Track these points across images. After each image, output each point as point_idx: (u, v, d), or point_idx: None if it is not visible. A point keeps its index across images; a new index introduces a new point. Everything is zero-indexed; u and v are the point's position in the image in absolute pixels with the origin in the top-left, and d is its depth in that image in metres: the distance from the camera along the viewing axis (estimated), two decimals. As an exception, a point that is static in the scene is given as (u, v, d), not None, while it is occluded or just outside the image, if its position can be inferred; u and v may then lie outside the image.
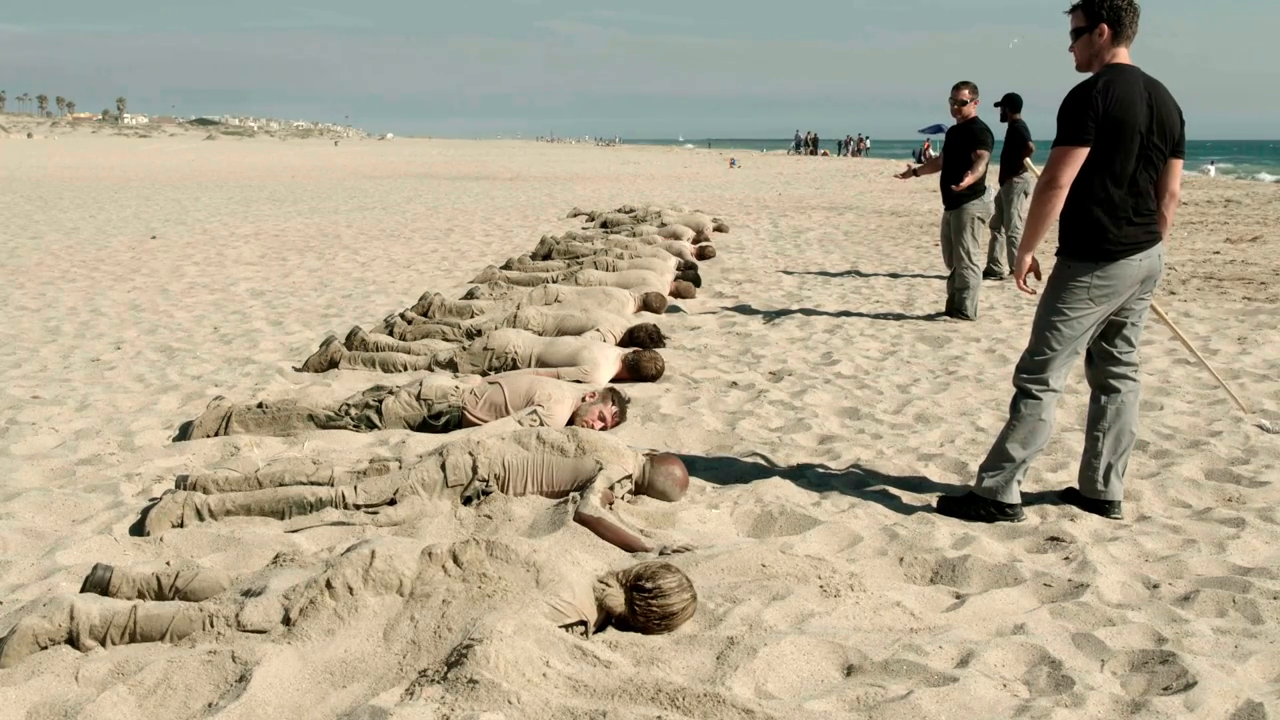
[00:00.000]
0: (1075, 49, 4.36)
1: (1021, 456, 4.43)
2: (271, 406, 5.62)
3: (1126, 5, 4.22)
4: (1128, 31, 4.24)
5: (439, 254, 14.18)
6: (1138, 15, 4.25)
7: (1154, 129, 4.20)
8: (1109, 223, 4.23)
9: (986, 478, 4.48)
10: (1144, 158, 4.21)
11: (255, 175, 37.91)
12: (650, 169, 46.07)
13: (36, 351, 7.76)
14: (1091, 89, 4.15)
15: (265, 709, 2.83)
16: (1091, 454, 4.54)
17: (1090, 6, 4.26)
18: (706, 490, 4.82)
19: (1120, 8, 4.21)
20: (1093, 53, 4.28)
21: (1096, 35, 4.25)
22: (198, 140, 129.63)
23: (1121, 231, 4.24)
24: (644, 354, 6.94)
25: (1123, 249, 4.24)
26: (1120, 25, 4.22)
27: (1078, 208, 4.25)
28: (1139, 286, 4.34)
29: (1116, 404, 4.50)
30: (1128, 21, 4.22)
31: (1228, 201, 23.37)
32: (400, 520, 4.29)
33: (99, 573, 3.47)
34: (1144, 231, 4.28)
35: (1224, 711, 2.89)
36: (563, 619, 3.21)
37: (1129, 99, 4.15)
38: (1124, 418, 4.50)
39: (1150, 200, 4.30)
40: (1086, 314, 4.30)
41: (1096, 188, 4.21)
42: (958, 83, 9.35)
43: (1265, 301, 10.00)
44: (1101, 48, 4.26)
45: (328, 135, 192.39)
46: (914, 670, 3.07)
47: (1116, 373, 4.50)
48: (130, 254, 13.88)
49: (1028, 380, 4.42)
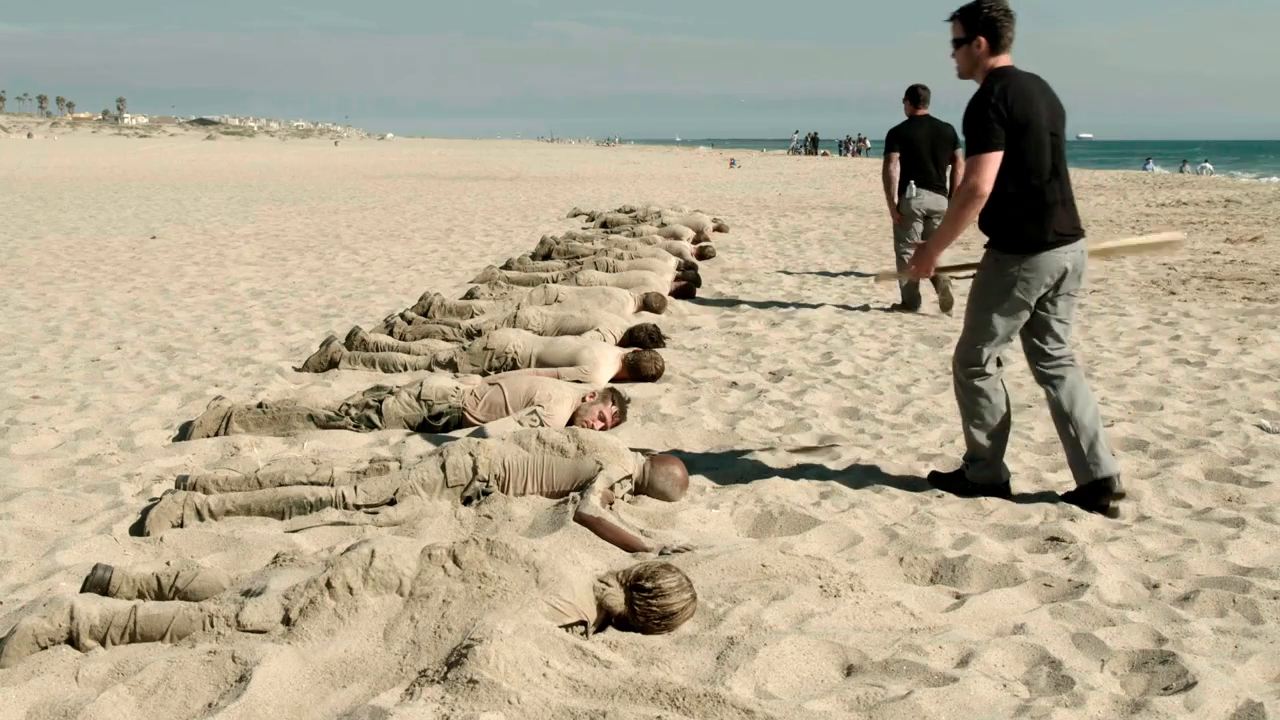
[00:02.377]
0: (956, 57, 4.56)
1: (993, 443, 4.65)
2: (271, 406, 5.62)
3: (1003, 15, 4.43)
4: (1005, 39, 4.45)
5: (439, 254, 14.18)
6: (1014, 22, 4.46)
7: (1053, 122, 4.43)
8: (1035, 216, 4.43)
9: (971, 471, 4.71)
10: (1054, 149, 4.43)
11: (255, 175, 37.92)
12: (650, 169, 46.07)
13: (36, 351, 7.76)
14: (989, 96, 4.36)
15: (265, 709, 2.83)
16: (1069, 444, 4.64)
17: (968, 18, 4.47)
18: (706, 490, 4.82)
19: (996, 19, 4.42)
20: (973, 62, 4.50)
21: (975, 46, 4.47)
22: (197, 140, 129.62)
23: (1048, 223, 4.43)
24: (644, 354, 6.94)
25: (1049, 242, 4.44)
26: (997, 35, 4.44)
27: (1004, 204, 4.42)
28: (1065, 283, 4.52)
29: (1066, 392, 4.62)
30: (1004, 31, 4.44)
31: (1228, 201, 23.37)
32: (400, 520, 4.29)
33: (99, 573, 3.47)
34: (1070, 223, 4.50)
35: (1224, 711, 2.89)
36: (562, 619, 3.21)
37: (1027, 98, 4.38)
38: (1079, 399, 4.61)
39: (1070, 188, 4.55)
40: (1017, 305, 4.52)
41: (1020, 184, 4.40)
42: None
43: (1265, 301, 10.00)
44: (980, 57, 4.47)
45: (327, 135, 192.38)
46: (914, 670, 3.07)
47: (1051, 367, 4.64)
48: (130, 254, 13.89)
49: (968, 372, 4.64)
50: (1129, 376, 6.99)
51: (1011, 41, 4.47)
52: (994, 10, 4.42)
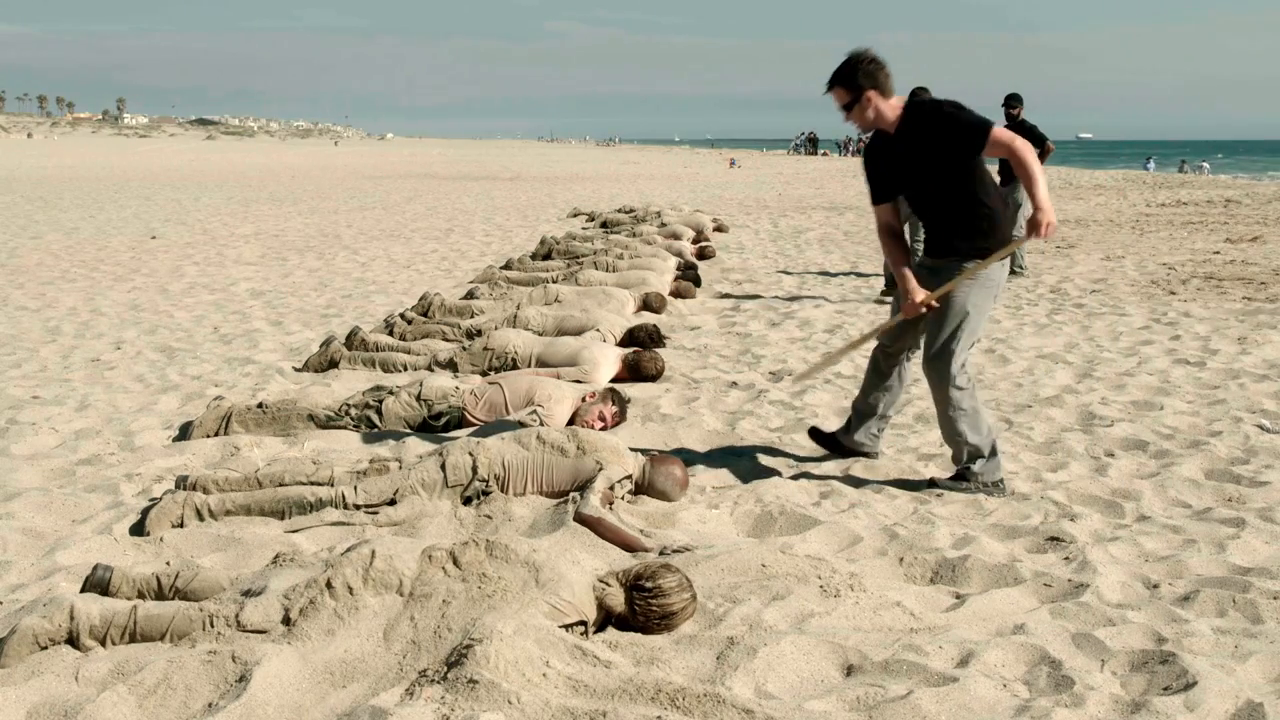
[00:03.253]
0: (852, 119, 4.70)
1: (987, 441, 4.78)
2: (271, 406, 5.62)
3: (876, 66, 4.56)
4: (888, 86, 4.59)
5: (439, 254, 14.19)
6: (885, 65, 4.60)
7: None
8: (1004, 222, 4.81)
9: (985, 468, 4.79)
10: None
11: (255, 175, 37.92)
12: (650, 169, 46.07)
13: (36, 351, 7.76)
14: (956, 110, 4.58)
15: (265, 709, 2.83)
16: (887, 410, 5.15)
17: (846, 81, 4.59)
18: (706, 490, 4.82)
19: (873, 72, 4.57)
20: (872, 117, 4.64)
21: (866, 103, 4.60)
22: (197, 140, 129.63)
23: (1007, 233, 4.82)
24: (644, 354, 6.94)
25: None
26: (880, 83, 4.58)
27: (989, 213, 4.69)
28: None
29: (902, 372, 5.10)
30: (884, 79, 4.58)
31: (1228, 201, 23.37)
32: (400, 520, 4.29)
33: (99, 573, 3.47)
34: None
35: (1224, 711, 2.89)
36: (562, 619, 3.21)
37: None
38: (904, 382, 5.17)
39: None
40: (991, 309, 4.85)
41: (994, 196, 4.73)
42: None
43: (1265, 301, 10.00)
44: (878, 108, 4.61)
45: (328, 135, 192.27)
46: (914, 670, 3.07)
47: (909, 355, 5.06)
48: (130, 254, 13.89)
49: (966, 377, 4.77)
50: (1129, 376, 6.99)
51: (892, 80, 4.61)
52: (866, 65, 4.56)
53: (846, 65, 4.58)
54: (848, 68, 4.57)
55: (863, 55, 4.58)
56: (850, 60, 4.58)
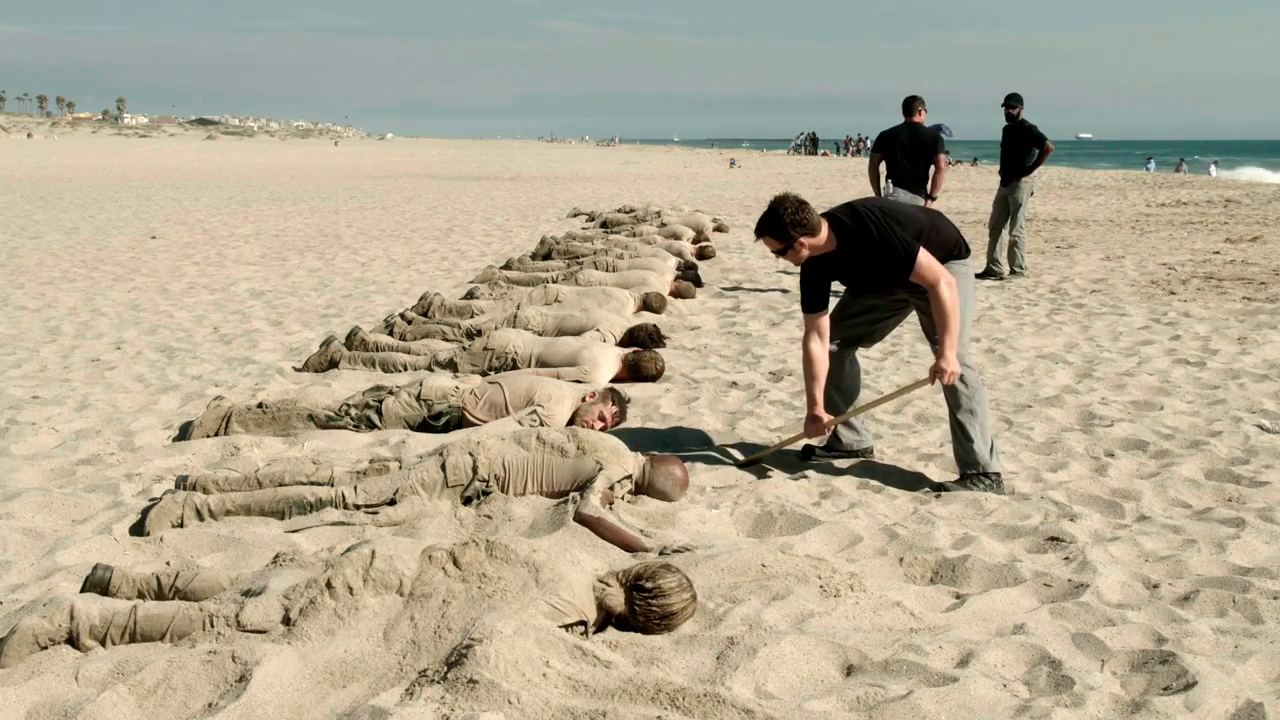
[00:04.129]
0: (787, 259, 4.83)
1: (990, 426, 4.89)
2: (271, 406, 5.62)
3: (801, 212, 4.67)
4: (813, 224, 4.69)
5: (439, 254, 14.18)
6: (808, 205, 4.72)
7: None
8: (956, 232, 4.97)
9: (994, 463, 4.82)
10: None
11: (255, 175, 37.92)
12: (650, 169, 46.07)
13: (36, 351, 7.76)
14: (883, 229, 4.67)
15: (265, 709, 2.83)
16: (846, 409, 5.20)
17: (775, 232, 4.71)
18: (706, 490, 4.82)
19: (799, 220, 4.67)
20: (806, 254, 4.76)
21: (799, 247, 4.72)
22: (197, 140, 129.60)
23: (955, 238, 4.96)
24: (644, 354, 6.94)
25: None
26: (808, 227, 4.68)
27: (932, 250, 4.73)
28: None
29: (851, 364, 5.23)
30: (809, 218, 4.67)
31: (1228, 201, 23.36)
32: (400, 520, 4.29)
33: (99, 573, 3.47)
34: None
35: (1224, 711, 2.89)
36: (562, 619, 3.21)
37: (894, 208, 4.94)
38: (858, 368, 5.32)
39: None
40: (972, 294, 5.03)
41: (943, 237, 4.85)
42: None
43: (1265, 301, 10.00)
44: (811, 245, 4.73)
45: (328, 135, 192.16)
46: (914, 670, 3.07)
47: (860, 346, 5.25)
48: (130, 254, 13.89)
49: (961, 368, 4.82)
50: (1129, 376, 6.99)
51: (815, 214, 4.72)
52: (791, 213, 4.65)
53: (773, 217, 4.68)
54: (774, 220, 4.68)
55: (786, 204, 4.68)
56: (775, 211, 4.68)
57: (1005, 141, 11.84)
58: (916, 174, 10.38)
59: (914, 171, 10.38)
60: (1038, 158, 11.64)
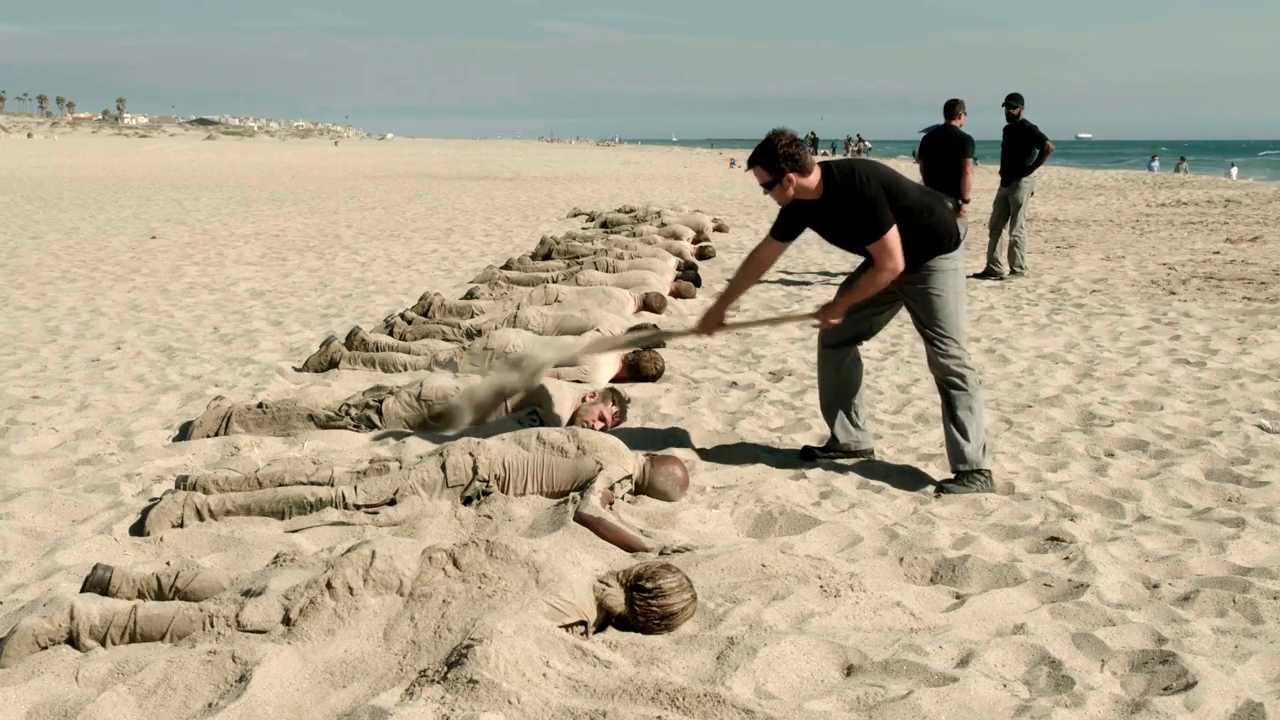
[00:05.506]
0: (773, 196, 4.79)
1: (983, 424, 4.92)
2: (271, 406, 5.62)
3: (795, 147, 4.64)
4: (806, 164, 4.66)
5: (439, 254, 14.18)
6: (803, 144, 4.71)
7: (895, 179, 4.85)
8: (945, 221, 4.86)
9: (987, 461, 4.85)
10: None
11: (255, 175, 37.91)
12: (650, 169, 46.07)
13: (36, 351, 7.76)
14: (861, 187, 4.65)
15: (265, 709, 2.83)
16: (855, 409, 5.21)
17: (767, 162, 4.67)
18: (706, 490, 4.82)
19: (792, 154, 4.63)
20: (792, 194, 4.71)
21: (787, 183, 4.67)
22: (197, 140, 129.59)
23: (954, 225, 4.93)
24: (644, 354, 6.93)
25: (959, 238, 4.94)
26: (800, 164, 4.65)
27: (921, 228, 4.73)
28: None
29: (853, 361, 5.20)
30: (802, 157, 4.65)
31: (1228, 201, 23.36)
32: (400, 520, 4.29)
33: (99, 573, 3.47)
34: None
35: (1224, 711, 2.89)
36: (563, 619, 3.21)
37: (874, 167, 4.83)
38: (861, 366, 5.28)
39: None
40: (964, 290, 4.96)
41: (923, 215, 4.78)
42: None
43: (1265, 301, 10.00)
44: (799, 185, 4.69)
45: (328, 135, 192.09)
46: (914, 670, 3.07)
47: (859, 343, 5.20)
48: (130, 254, 13.89)
49: (961, 368, 4.87)
50: (1129, 376, 6.99)
51: (810, 156, 4.69)
52: (785, 147, 4.62)
53: (767, 146, 4.67)
54: (768, 149, 4.66)
55: (781, 137, 4.66)
56: (770, 142, 4.67)
57: (1005, 141, 11.87)
58: (950, 177, 10.59)
59: (947, 175, 10.61)
60: (1038, 158, 11.68)
